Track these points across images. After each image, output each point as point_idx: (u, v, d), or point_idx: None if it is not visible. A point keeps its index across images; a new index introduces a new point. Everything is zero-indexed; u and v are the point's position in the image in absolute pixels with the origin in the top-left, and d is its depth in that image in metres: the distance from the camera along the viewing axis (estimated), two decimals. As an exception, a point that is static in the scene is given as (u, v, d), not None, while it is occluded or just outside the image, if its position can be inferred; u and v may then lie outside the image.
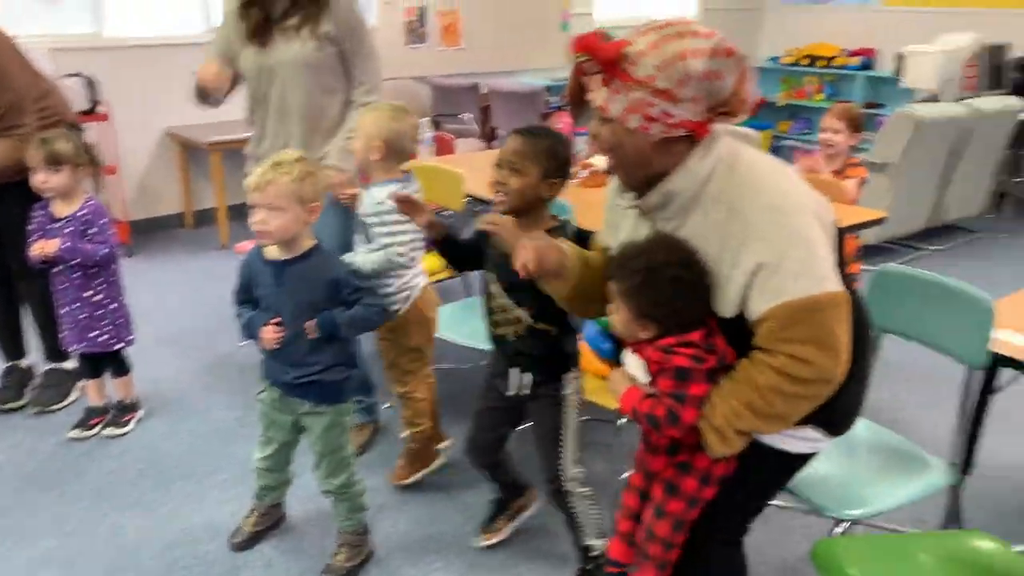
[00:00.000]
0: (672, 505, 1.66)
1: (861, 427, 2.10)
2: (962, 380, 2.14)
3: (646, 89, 1.43)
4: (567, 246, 1.74)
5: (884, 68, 7.42)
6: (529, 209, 1.98)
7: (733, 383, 1.53)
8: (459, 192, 3.36)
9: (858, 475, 2.03)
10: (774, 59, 8.24)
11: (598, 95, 1.49)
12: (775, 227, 1.46)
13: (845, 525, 1.93)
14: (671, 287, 1.52)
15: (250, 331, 2.16)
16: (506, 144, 2.00)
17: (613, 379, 1.66)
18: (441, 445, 2.79)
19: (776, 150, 5.94)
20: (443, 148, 4.47)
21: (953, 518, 2.19)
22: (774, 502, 1.82)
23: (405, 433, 2.72)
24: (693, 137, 1.50)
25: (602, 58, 1.45)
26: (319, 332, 2.10)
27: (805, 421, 1.58)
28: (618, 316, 1.61)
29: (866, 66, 7.55)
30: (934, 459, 2.08)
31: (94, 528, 2.52)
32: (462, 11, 6.53)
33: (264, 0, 2.65)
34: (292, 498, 2.56)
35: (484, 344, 2.28)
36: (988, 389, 2.15)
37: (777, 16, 8.40)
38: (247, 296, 2.21)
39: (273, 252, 2.14)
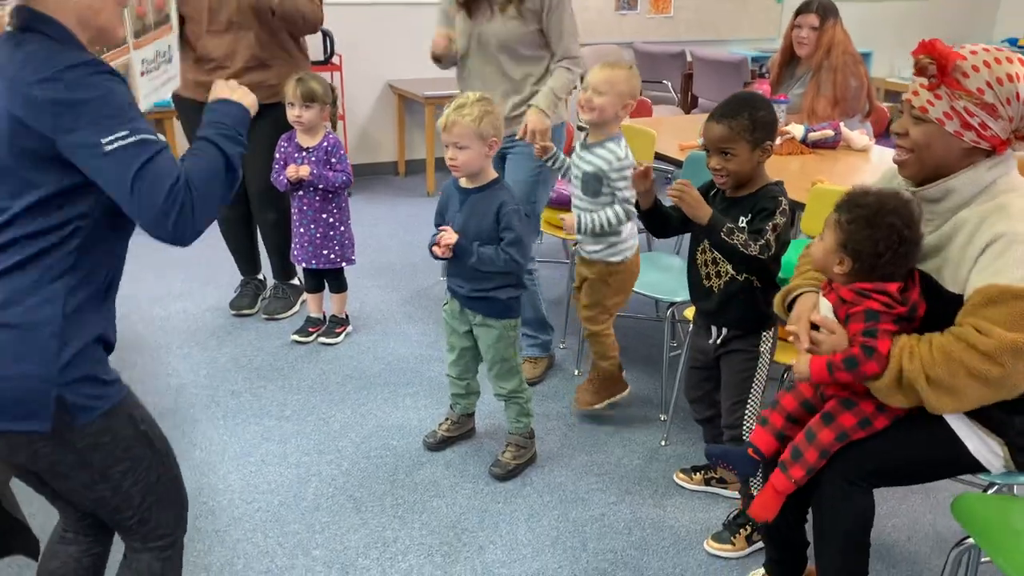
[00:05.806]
0: (844, 418, 1.74)
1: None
2: None
3: (973, 100, 1.60)
4: None
5: None
6: (748, 179, 2.10)
7: (916, 340, 1.64)
8: (651, 151, 3.52)
9: None
10: (1011, 40, 7.65)
11: (921, 96, 1.65)
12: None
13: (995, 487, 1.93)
14: (887, 234, 1.63)
15: (431, 244, 2.42)
16: (708, 131, 2.08)
17: (798, 363, 1.77)
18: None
19: None
20: (641, 112, 4.61)
21: None
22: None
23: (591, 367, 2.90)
24: (990, 151, 1.64)
25: (943, 64, 1.60)
26: (450, 253, 2.34)
27: (997, 431, 1.68)
28: (820, 244, 1.74)
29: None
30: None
31: (306, 415, 2.95)
32: (675, -21, 6.57)
33: None
34: (476, 416, 2.86)
35: (663, 295, 2.49)
36: None
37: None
38: (441, 220, 2.51)
39: (463, 182, 2.44)
